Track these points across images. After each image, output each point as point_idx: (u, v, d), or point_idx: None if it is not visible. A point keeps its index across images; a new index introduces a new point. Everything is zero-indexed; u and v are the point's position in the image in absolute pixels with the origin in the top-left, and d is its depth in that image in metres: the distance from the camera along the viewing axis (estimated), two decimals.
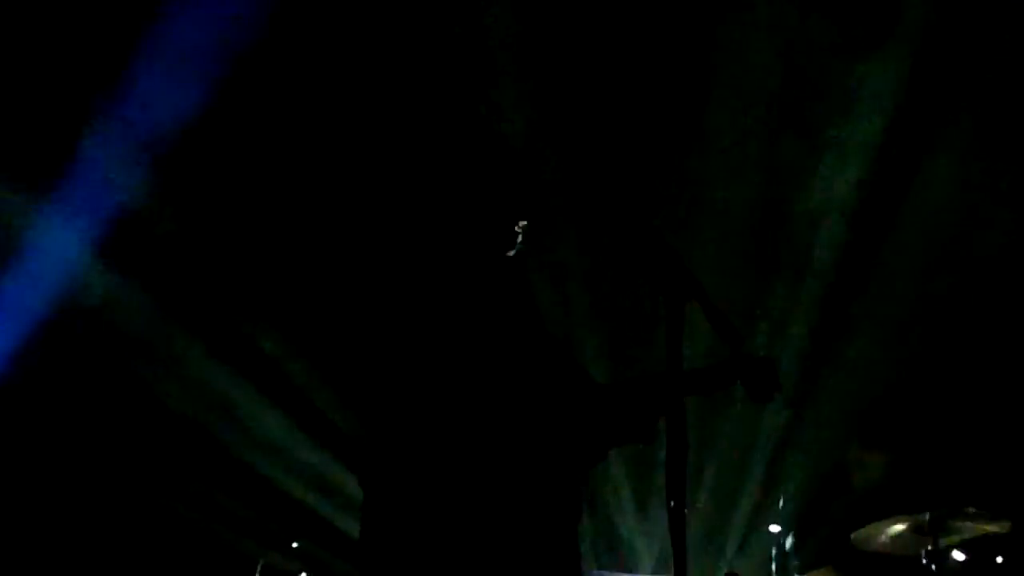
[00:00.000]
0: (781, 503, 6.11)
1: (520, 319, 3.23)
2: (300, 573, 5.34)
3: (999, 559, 5.90)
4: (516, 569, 2.98)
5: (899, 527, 5.43)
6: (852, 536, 5.54)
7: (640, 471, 7.52)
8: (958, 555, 5.58)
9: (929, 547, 5.37)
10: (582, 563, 3.21)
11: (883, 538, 5.49)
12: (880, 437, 6.25)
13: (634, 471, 7.55)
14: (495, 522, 2.97)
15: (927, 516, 5.35)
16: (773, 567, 5.72)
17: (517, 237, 3.29)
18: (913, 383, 7.13)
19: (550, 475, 3.09)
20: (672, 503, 2.85)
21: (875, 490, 6.09)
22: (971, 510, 5.40)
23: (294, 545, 5.82)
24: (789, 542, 5.84)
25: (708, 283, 2.92)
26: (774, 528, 5.81)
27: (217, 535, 6.93)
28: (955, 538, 5.46)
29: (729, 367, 3.32)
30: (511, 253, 3.31)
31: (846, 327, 7.39)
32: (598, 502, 7.57)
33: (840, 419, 6.91)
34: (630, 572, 6.61)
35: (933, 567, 5.37)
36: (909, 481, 6.04)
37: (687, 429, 2.91)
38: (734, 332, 2.98)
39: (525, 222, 3.28)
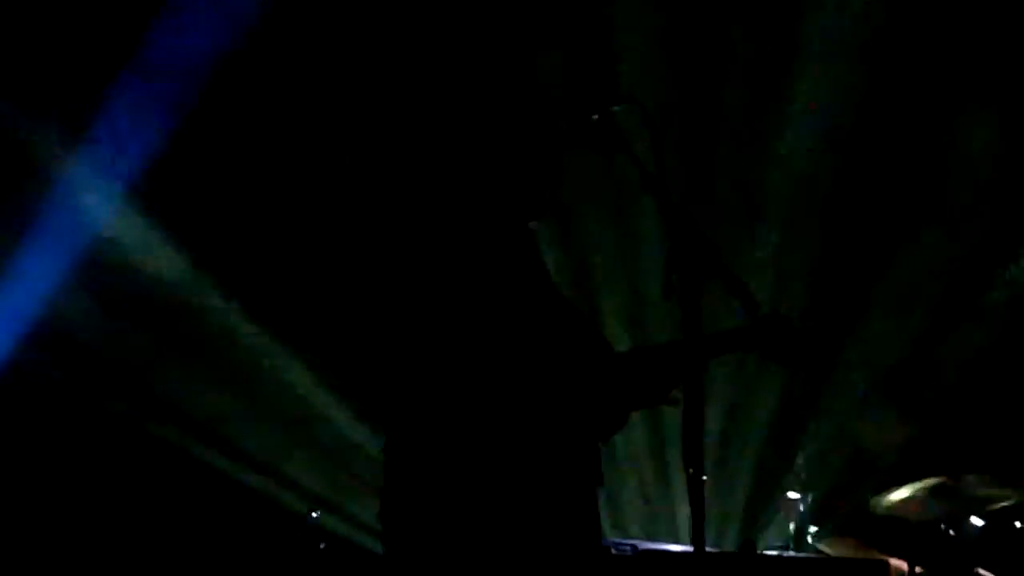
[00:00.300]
0: (798, 469, 6.10)
1: (538, 287, 3.23)
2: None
3: (1017, 524, 5.89)
4: (537, 535, 2.99)
5: (917, 492, 5.43)
6: (870, 501, 5.54)
7: (655, 438, 7.53)
8: (976, 521, 5.57)
9: (948, 513, 5.37)
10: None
11: (901, 503, 5.49)
12: (899, 402, 6.24)
13: (648, 438, 7.56)
14: (516, 488, 2.98)
15: (945, 481, 5.35)
16: (791, 534, 5.72)
17: (543, 208, 3.29)
18: (934, 348, 7.12)
19: (570, 441, 3.10)
20: (690, 470, 2.85)
21: (893, 455, 6.09)
22: (988, 476, 5.39)
23: (314, 515, 5.83)
24: (805, 508, 5.84)
25: (726, 246, 2.92)
26: (792, 495, 5.81)
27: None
28: (973, 504, 5.46)
29: (753, 330, 3.31)
30: (534, 224, 3.30)
31: (867, 291, 7.37)
32: (613, 469, 7.58)
33: (858, 383, 6.88)
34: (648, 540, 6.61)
35: (951, 532, 5.37)
36: (928, 446, 6.03)
37: (704, 395, 2.92)
38: (751, 299, 2.98)
39: (552, 192, 3.27)
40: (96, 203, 6.89)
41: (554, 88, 3.35)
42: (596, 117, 3.08)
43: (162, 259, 7.02)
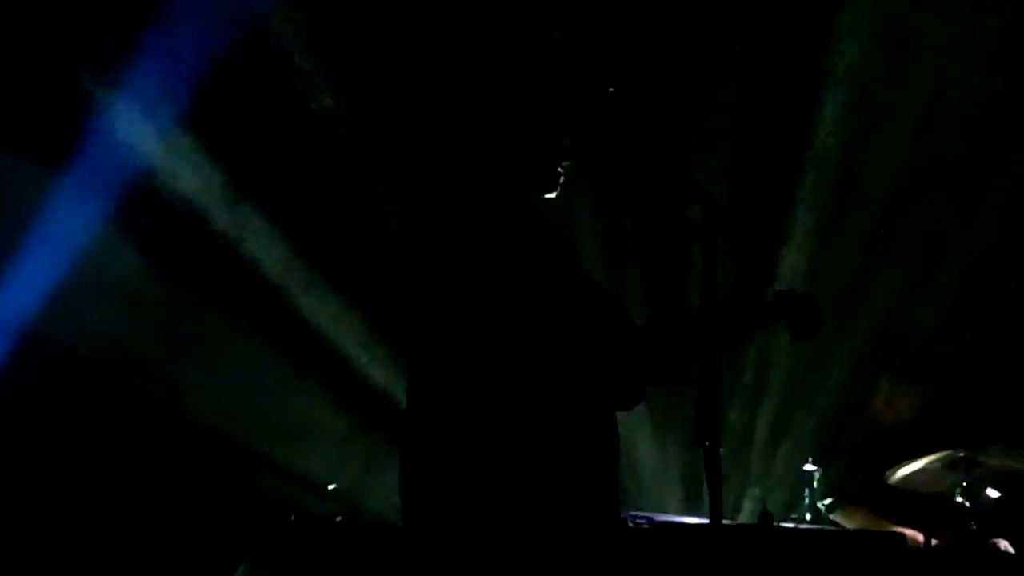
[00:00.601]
0: (813, 441, 6.10)
1: (559, 259, 3.23)
2: (336, 517, 5.36)
3: None
4: (556, 509, 3.00)
5: (933, 464, 5.43)
6: (886, 473, 5.54)
7: (669, 411, 7.53)
8: (992, 492, 5.57)
9: (963, 484, 5.37)
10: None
11: (917, 475, 5.49)
12: (913, 373, 6.24)
13: (662, 411, 7.56)
14: (535, 461, 2.99)
15: (961, 453, 5.35)
16: (806, 505, 5.72)
17: (559, 178, 3.28)
18: (948, 318, 7.11)
19: (589, 414, 3.10)
20: (707, 443, 2.86)
21: (908, 428, 6.08)
22: (1004, 447, 5.39)
23: (330, 487, 5.84)
24: (820, 480, 5.84)
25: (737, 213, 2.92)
26: (809, 467, 5.81)
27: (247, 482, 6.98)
28: (989, 475, 5.46)
29: (770, 305, 3.31)
30: (552, 195, 3.30)
31: (880, 261, 7.35)
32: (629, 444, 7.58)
33: (872, 355, 6.88)
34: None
35: (967, 504, 5.37)
36: (943, 418, 6.03)
37: (721, 368, 2.92)
38: (768, 271, 2.98)
39: (568, 163, 3.27)
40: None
41: (564, 60, 3.33)
42: (611, 90, 3.08)
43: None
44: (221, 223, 7.05)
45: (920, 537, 5.38)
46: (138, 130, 6.82)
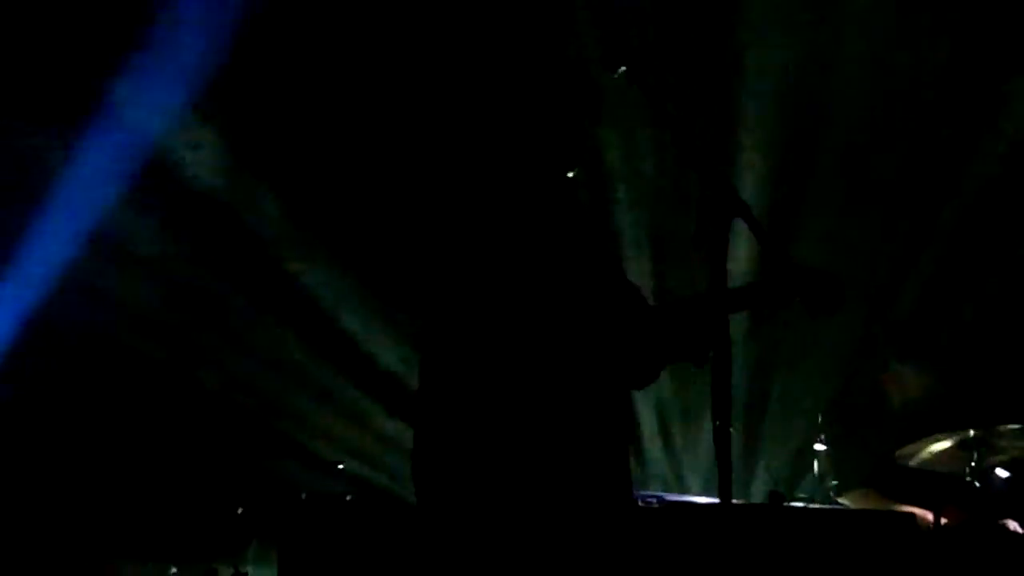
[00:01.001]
0: (821, 421, 6.10)
1: (577, 238, 3.23)
2: (346, 496, 5.37)
3: None
4: (568, 488, 3.01)
5: (943, 444, 5.43)
6: (896, 453, 5.54)
7: (679, 392, 7.55)
8: (1002, 472, 5.57)
9: (973, 464, 5.37)
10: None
11: (927, 455, 5.49)
12: (922, 354, 6.23)
13: (673, 392, 7.58)
14: (547, 440, 2.99)
15: (971, 433, 5.35)
16: (817, 486, 5.73)
17: (578, 155, 3.28)
18: (957, 297, 7.10)
19: (602, 393, 3.10)
20: (717, 422, 2.86)
21: (915, 407, 6.08)
22: (1015, 428, 5.39)
23: (340, 467, 5.86)
24: (829, 460, 5.85)
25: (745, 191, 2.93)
26: (819, 447, 5.81)
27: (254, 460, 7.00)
28: (1000, 455, 5.46)
29: (787, 282, 3.30)
30: (571, 173, 3.30)
31: (887, 238, 7.36)
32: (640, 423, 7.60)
33: (882, 335, 6.87)
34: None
35: (977, 484, 5.37)
36: (954, 398, 6.02)
37: (731, 347, 2.92)
38: (780, 250, 2.97)
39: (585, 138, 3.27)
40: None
41: (586, 41, 3.34)
42: (623, 69, 3.07)
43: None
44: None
45: (930, 517, 5.38)
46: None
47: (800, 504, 5.46)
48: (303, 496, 5.17)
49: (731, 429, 2.85)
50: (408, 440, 3.17)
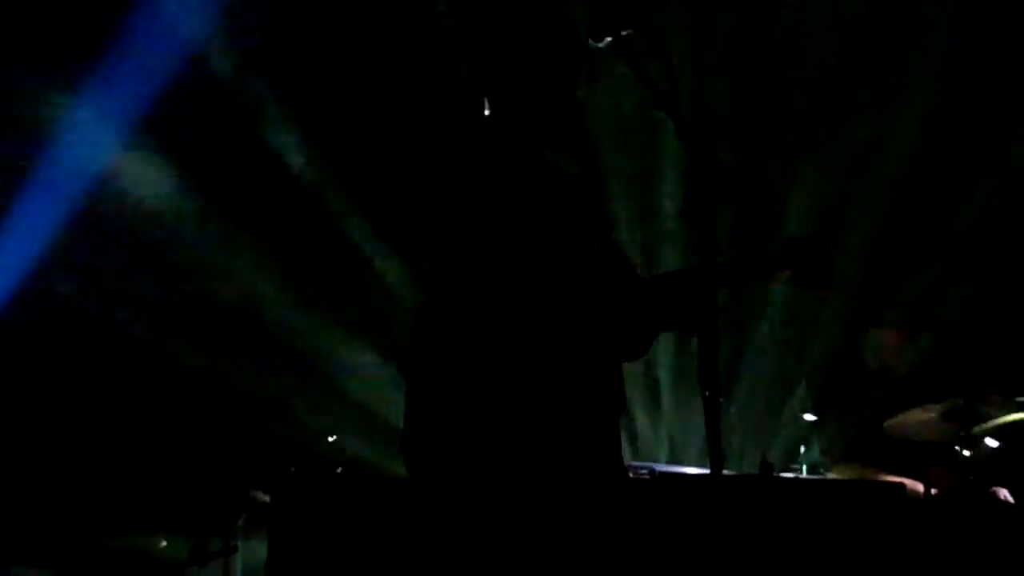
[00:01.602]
0: (809, 391, 6.11)
1: (569, 209, 3.22)
2: (336, 468, 5.38)
3: None
4: (558, 459, 3.01)
5: (930, 414, 5.44)
6: (885, 424, 5.55)
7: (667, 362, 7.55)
8: (991, 442, 5.59)
9: (961, 434, 5.39)
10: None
11: (915, 425, 5.51)
12: (898, 318, 6.26)
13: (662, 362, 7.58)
14: (538, 411, 2.99)
15: (960, 403, 5.36)
16: (808, 457, 5.74)
17: (573, 126, 3.27)
18: (936, 263, 7.12)
19: (593, 365, 3.10)
20: (706, 392, 2.86)
21: (899, 375, 6.10)
22: (1003, 397, 5.40)
23: (331, 439, 5.85)
24: (818, 430, 5.87)
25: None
26: (808, 417, 5.82)
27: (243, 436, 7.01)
28: (987, 425, 5.47)
29: (776, 254, 3.31)
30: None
31: (874, 213, 7.36)
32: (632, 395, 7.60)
33: (866, 305, 6.87)
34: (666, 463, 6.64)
35: (966, 454, 5.38)
36: (940, 368, 6.03)
37: (719, 318, 2.92)
38: (768, 221, 2.97)
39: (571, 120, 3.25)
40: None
41: (572, 9, 3.31)
42: (609, 40, 3.06)
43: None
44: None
45: (919, 487, 5.39)
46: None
47: (790, 475, 5.47)
48: (292, 469, 5.18)
49: (720, 399, 2.85)
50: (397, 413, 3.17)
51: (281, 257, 7.24)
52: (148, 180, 7.01)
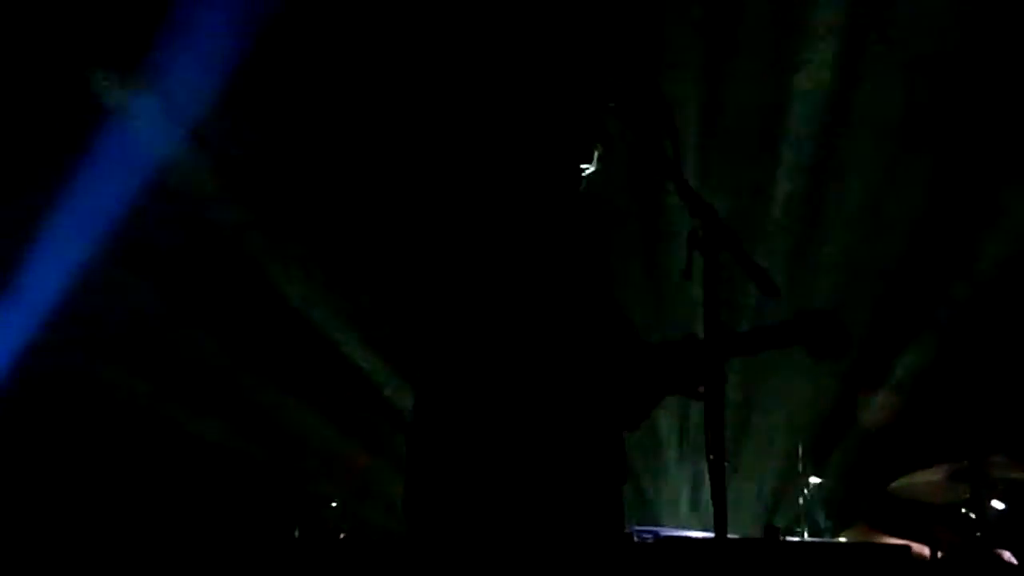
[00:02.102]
0: (810, 453, 6.10)
1: (574, 271, 3.22)
2: (340, 534, 5.37)
3: None
4: (559, 528, 2.99)
5: (936, 476, 5.43)
6: (890, 486, 5.54)
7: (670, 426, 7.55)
8: (997, 504, 5.57)
9: (967, 496, 5.37)
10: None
11: (921, 487, 5.49)
12: (888, 381, 6.27)
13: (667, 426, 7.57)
14: (539, 481, 2.97)
15: (965, 464, 5.35)
16: (813, 519, 5.72)
17: (581, 180, 3.27)
18: (928, 326, 7.12)
19: (592, 435, 3.09)
20: (711, 457, 2.85)
21: (891, 434, 6.11)
22: (1009, 458, 5.38)
23: (333, 504, 5.84)
24: (821, 493, 5.85)
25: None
26: (814, 479, 5.81)
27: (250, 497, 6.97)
28: (994, 486, 5.45)
29: (791, 326, 3.31)
30: (587, 171, 3.27)
31: (873, 273, 7.37)
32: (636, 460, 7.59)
33: (865, 370, 6.87)
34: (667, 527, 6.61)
35: (972, 516, 5.36)
36: (945, 429, 6.03)
37: (726, 384, 2.91)
38: (770, 283, 2.96)
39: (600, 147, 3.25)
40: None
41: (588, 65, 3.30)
42: (612, 105, 3.07)
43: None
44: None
45: (925, 550, 5.37)
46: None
47: (795, 538, 5.44)
48: (296, 534, 5.17)
49: (725, 463, 2.84)
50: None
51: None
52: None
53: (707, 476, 2.85)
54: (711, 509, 2.83)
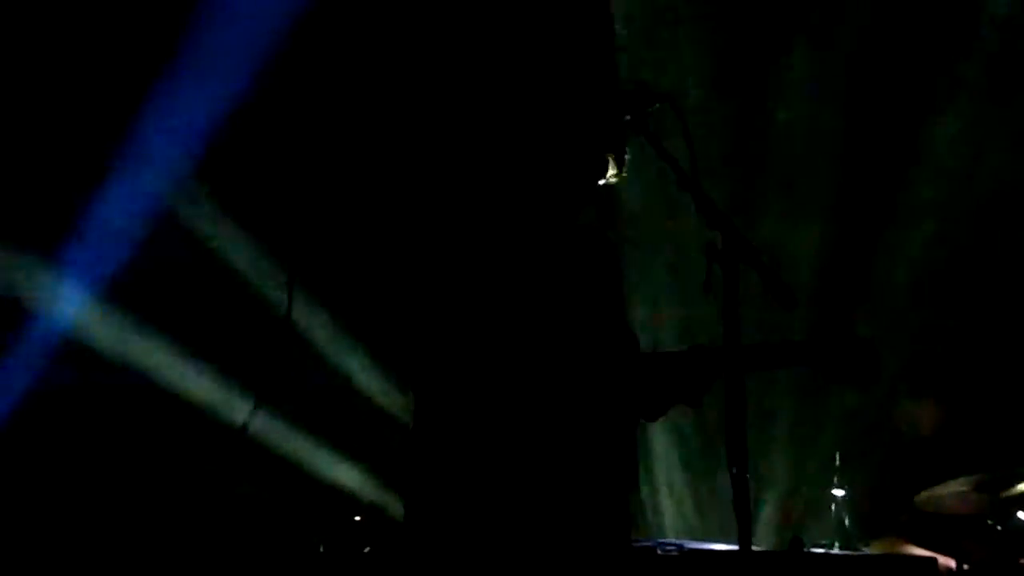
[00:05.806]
0: (840, 465, 6.08)
1: (585, 276, 3.22)
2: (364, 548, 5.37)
3: None
4: (563, 536, 2.99)
5: (963, 487, 5.41)
6: (916, 498, 5.52)
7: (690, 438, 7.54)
8: (1022, 515, 5.54)
9: (993, 506, 5.35)
10: (634, 530, 3.21)
11: (947, 499, 5.47)
12: (932, 390, 6.24)
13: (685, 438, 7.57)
14: (545, 492, 2.98)
15: (991, 476, 5.33)
16: (839, 532, 5.70)
17: (596, 193, 3.27)
18: (969, 333, 7.09)
19: (597, 441, 3.08)
20: (734, 470, 2.85)
21: (931, 443, 6.08)
22: None
23: (357, 519, 5.84)
24: (848, 504, 5.83)
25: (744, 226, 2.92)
26: (838, 491, 5.79)
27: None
28: (1019, 498, 5.43)
29: (811, 346, 3.29)
30: (604, 180, 3.26)
31: (900, 281, 7.36)
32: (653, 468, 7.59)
33: (895, 377, 6.85)
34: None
35: (998, 527, 5.34)
36: (971, 440, 6.00)
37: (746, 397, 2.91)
38: (788, 294, 2.95)
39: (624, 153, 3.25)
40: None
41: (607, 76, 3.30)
42: (628, 118, 3.08)
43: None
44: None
45: (951, 562, 5.35)
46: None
47: (820, 550, 5.42)
48: (321, 548, 5.17)
49: (747, 476, 2.84)
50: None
51: None
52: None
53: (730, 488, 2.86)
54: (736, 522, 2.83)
